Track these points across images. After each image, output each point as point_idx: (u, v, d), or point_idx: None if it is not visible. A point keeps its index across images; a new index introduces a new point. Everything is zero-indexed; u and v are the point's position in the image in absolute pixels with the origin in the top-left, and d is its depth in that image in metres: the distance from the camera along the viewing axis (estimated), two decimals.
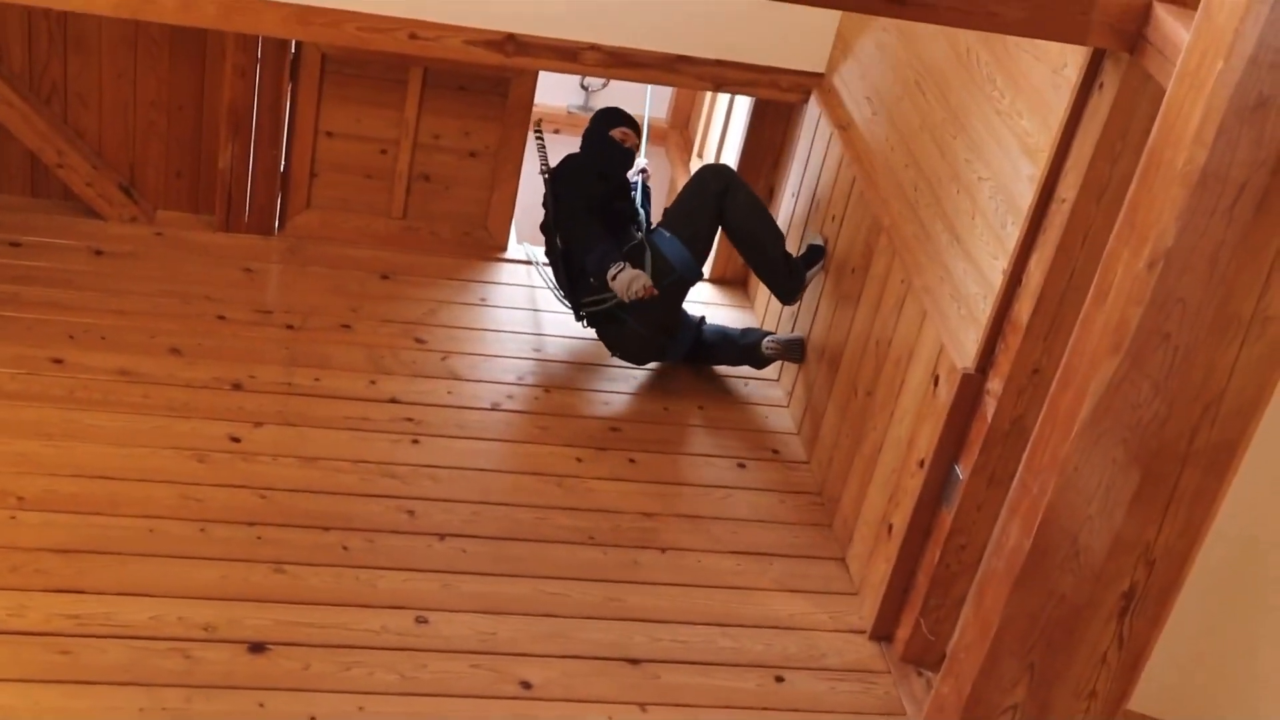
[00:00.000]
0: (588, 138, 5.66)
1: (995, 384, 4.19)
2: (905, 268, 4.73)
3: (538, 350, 5.75)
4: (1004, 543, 3.82)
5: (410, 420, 5.25)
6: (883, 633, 4.76)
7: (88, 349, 5.18)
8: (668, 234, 5.38)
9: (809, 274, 5.42)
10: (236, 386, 5.19)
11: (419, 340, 5.64)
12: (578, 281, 5.39)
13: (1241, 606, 4.38)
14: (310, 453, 5.00)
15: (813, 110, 5.72)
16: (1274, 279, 3.22)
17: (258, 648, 4.24)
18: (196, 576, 4.42)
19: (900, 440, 4.68)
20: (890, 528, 4.69)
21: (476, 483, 5.05)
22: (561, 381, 5.61)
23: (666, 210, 5.59)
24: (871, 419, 4.90)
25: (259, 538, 4.62)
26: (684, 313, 5.60)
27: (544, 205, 5.54)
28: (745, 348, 5.71)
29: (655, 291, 5.15)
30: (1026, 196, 4.03)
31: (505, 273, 6.10)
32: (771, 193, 6.08)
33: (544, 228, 5.61)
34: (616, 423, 5.52)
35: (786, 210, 5.92)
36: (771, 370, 5.92)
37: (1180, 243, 3.23)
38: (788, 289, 5.46)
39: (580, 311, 5.48)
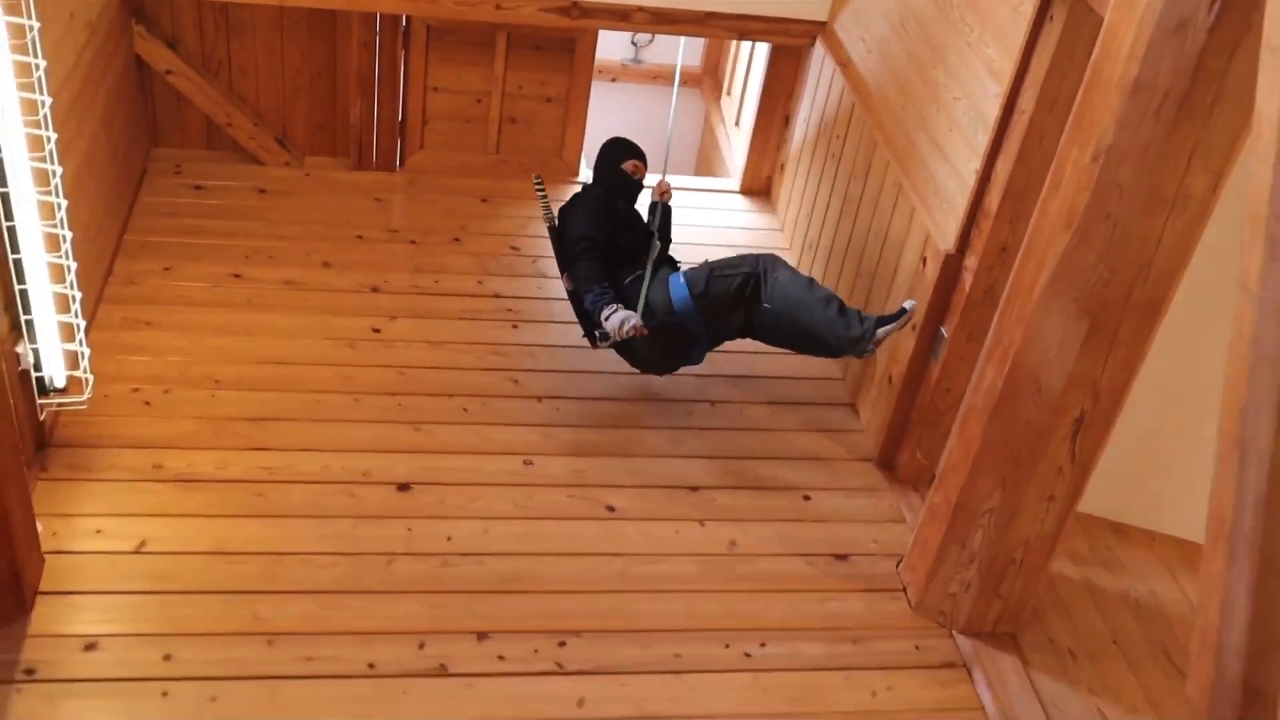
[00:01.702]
0: (599, 170, 4.75)
1: (971, 261, 4.18)
2: (897, 173, 4.68)
3: None
4: (981, 384, 3.84)
5: (510, 310, 5.27)
6: (886, 460, 4.79)
7: (259, 265, 5.22)
8: (683, 279, 4.43)
9: (882, 330, 4.24)
10: (375, 289, 5.22)
11: (514, 248, 5.65)
12: (588, 313, 4.47)
13: (1166, 427, 4.40)
14: (435, 338, 5.03)
15: (818, 52, 5.64)
16: (1193, 166, 3.20)
17: (404, 487, 4.31)
18: (354, 435, 4.49)
19: (895, 309, 4.64)
20: (890, 378, 4.69)
21: (563, 356, 5.07)
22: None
23: (706, 260, 4.57)
24: (875, 294, 4.86)
25: (399, 404, 4.67)
26: (700, 339, 4.52)
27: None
28: (843, 329, 4.33)
29: (645, 331, 4.27)
30: (993, 110, 3.99)
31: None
32: (787, 120, 6.02)
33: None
34: None
35: (799, 132, 5.85)
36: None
37: (1118, 140, 3.22)
38: (850, 341, 4.27)
39: (594, 338, 4.46)
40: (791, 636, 4.02)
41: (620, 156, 4.71)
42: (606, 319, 4.28)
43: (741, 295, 4.40)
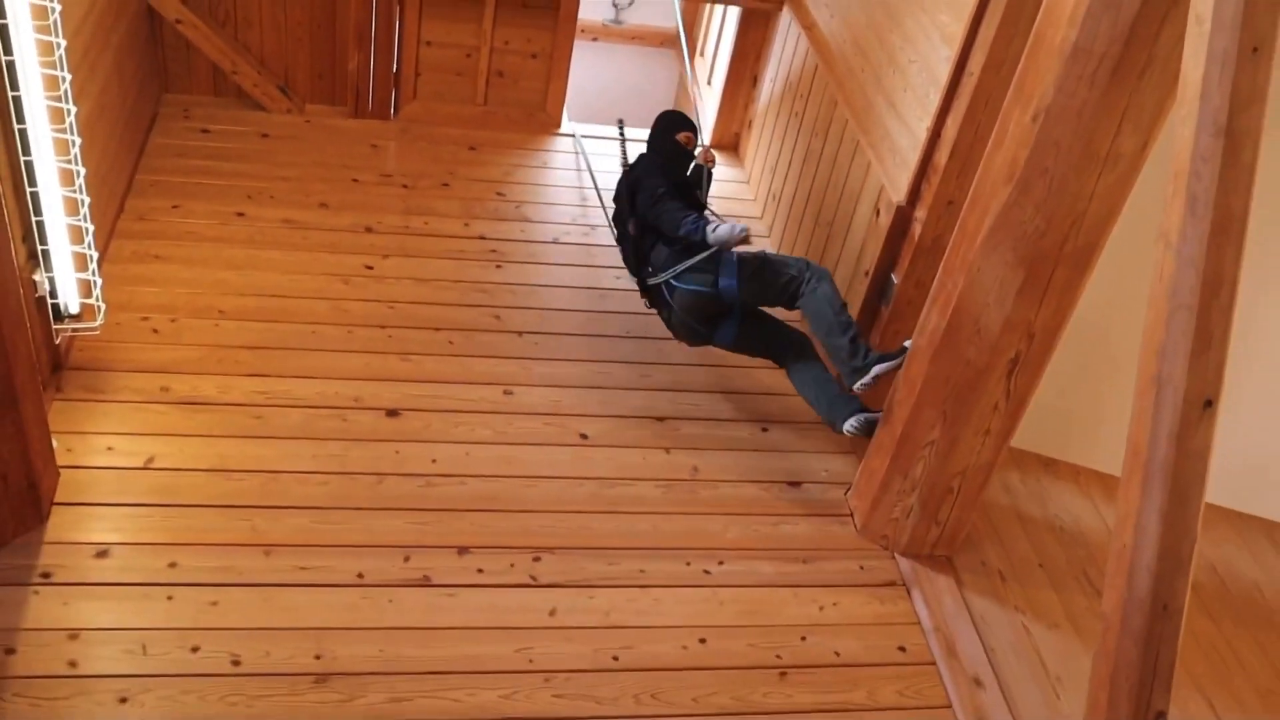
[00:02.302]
0: (654, 139, 4.69)
1: (921, 212, 4.18)
2: (855, 130, 4.66)
3: (583, 200, 5.67)
4: (926, 326, 3.85)
5: (494, 251, 5.22)
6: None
7: (261, 205, 5.16)
8: (735, 257, 4.27)
9: (879, 368, 4.05)
10: (368, 229, 5.17)
11: (499, 194, 5.60)
12: (648, 259, 4.43)
13: (1094, 368, 4.43)
14: (423, 275, 4.98)
15: (785, 16, 5.59)
16: (1124, 126, 3.21)
17: (393, 412, 4.30)
18: (346, 364, 4.47)
19: (851, 257, 4.66)
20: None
21: (544, 295, 5.04)
22: (601, 220, 5.47)
23: (756, 251, 4.40)
24: (832, 242, 4.85)
25: (389, 336, 4.63)
26: (734, 316, 4.35)
27: (615, 200, 4.73)
28: (832, 404, 4.24)
29: (750, 240, 4.16)
30: (944, 72, 3.97)
31: (560, 143, 6.01)
32: (755, 80, 5.98)
33: (616, 218, 4.72)
34: None
35: (766, 91, 5.82)
36: (761, 221, 5.77)
37: (1056, 101, 3.22)
38: (850, 370, 4.10)
39: (648, 288, 4.48)
40: (747, 556, 4.05)
41: (675, 128, 4.68)
42: (714, 230, 4.18)
43: (784, 292, 4.27)
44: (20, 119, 3.49)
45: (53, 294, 3.90)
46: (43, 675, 3.26)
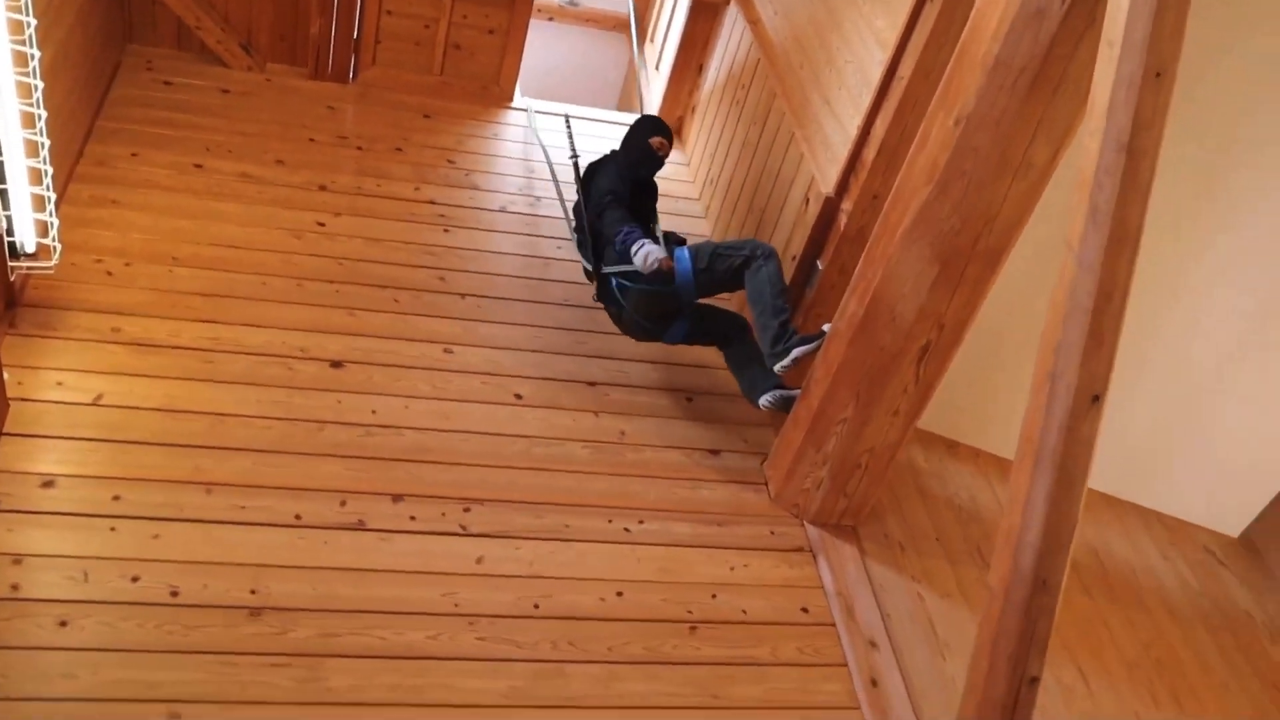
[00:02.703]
0: (627, 142, 4.50)
1: (847, 204, 4.22)
2: (790, 124, 4.70)
3: (530, 171, 5.64)
4: (845, 311, 3.91)
5: (443, 216, 5.18)
6: None
7: (219, 158, 5.07)
8: (687, 254, 4.22)
9: (798, 350, 4.04)
10: (322, 188, 5.10)
11: (450, 161, 5.55)
12: (603, 255, 4.34)
13: (999, 359, 4.51)
14: (373, 235, 4.93)
15: (733, 10, 5.59)
16: (1038, 137, 3.28)
17: (336, 364, 4.28)
18: (294, 315, 4.42)
19: (781, 242, 4.68)
20: None
21: (489, 260, 5.01)
22: (547, 192, 5.48)
23: (707, 241, 4.43)
24: (764, 227, 4.89)
25: (337, 291, 4.59)
26: (685, 312, 4.31)
27: (578, 192, 4.57)
28: (754, 380, 4.29)
29: (671, 265, 4.13)
30: (877, 74, 4.01)
31: (511, 116, 5.96)
32: (700, 68, 5.99)
33: (576, 210, 4.59)
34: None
35: (710, 80, 5.83)
36: (699, 202, 5.78)
37: (977, 109, 3.28)
38: (771, 353, 4.10)
39: (599, 284, 4.38)
40: (665, 516, 4.10)
41: (649, 131, 4.47)
42: (635, 252, 4.09)
43: (736, 276, 4.20)
44: None
45: (9, 232, 3.83)
46: None
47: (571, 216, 4.68)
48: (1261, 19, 3.71)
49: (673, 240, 4.39)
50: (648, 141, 4.44)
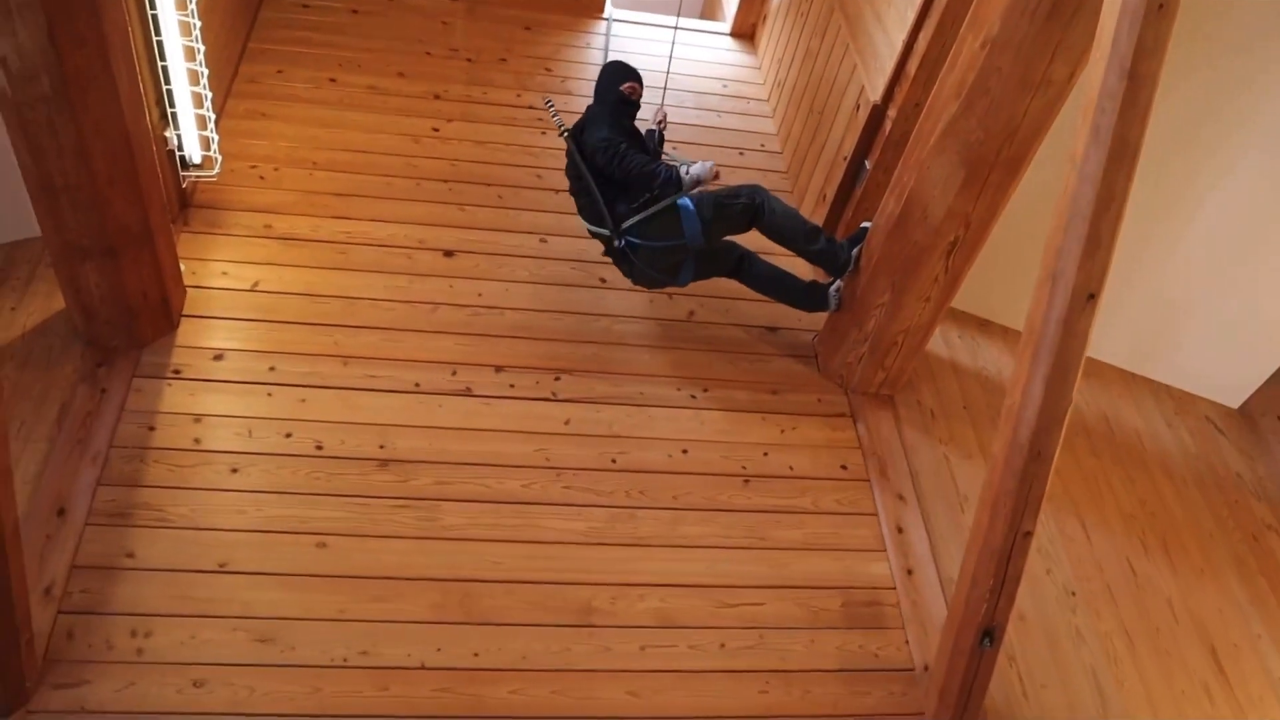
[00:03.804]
0: (601, 90, 4.07)
1: (892, 111, 4.18)
2: (845, 35, 4.61)
3: None
4: (884, 210, 3.94)
5: (540, 119, 5.20)
6: None
7: (350, 72, 5.16)
8: (692, 205, 3.90)
9: (855, 250, 4.04)
10: (436, 97, 5.17)
11: (547, 69, 5.56)
12: (614, 210, 3.92)
13: (1025, 250, 4.47)
14: (480, 138, 5.00)
15: None
16: (1056, 58, 3.22)
17: (449, 253, 4.43)
18: (413, 211, 4.55)
19: (834, 143, 4.65)
20: (825, 195, 4.72)
21: None
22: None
23: (707, 191, 3.98)
24: (821, 129, 4.85)
25: (450, 189, 4.70)
26: (690, 258, 4.04)
27: (568, 155, 4.03)
28: (811, 285, 4.25)
29: (719, 176, 3.85)
30: None
31: (601, 26, 5.90)
32: None
33: (570, 172, 4.06)
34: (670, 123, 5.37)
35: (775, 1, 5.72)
36: (768, 103, 5.67)
37: (1001, 33, 3.24)
38: (835, 265, 4.09)
39: (607, 243, 4.02)
40: (727, 385, 4.21)
41: (620, 79, 4.05)
42: (688, 172, 3.78)
43: (744, 221, 4.03)
44: (153, 5, 3.57)
45: (180, 147, 4.04)
46: (175, 448, 3.56)
47: (570, 178, 4.12)
48: None
49: (673, 188, 3.96)
50: (619, 89, 4.02)
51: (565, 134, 4.00)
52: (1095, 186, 2.75)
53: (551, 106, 4.15)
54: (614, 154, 3.82)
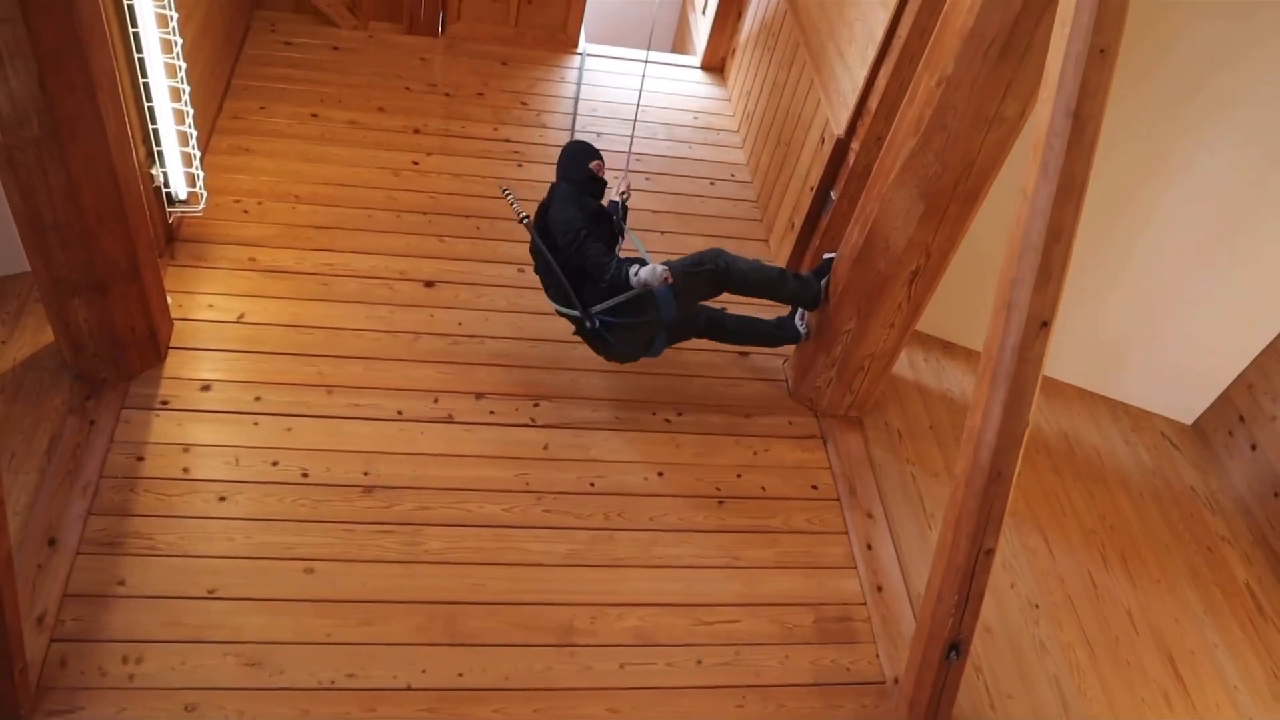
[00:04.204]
0: (567, 169, 3.99)
1: (855, 144, 4.29)
2: (810, 70, 4.74)
3: (592, 110, 5.69)
4: (849, 240, 4.05)
5: (517, 152, 5.31)
6: None
7: (331, 107, 5.25)
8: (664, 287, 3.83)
9: (824, 281, 4.14)
10: (416, 131, 5.26)
11: (523, 103, 5.65)
12: (583, 293, 3.86)
13: (985, 272, 4.60)
14: (458, 171, 5.09)
15: None
16: (1008, 96, 3.35)
17: (429, 284, 4.51)
18: (394, 243, 4.63)
19: (801, 174, 4.78)
20: (793, 224, 4.84)
21: None
22: (607, 129, 5.56)
23: (669, 263, 3.88)
24: (788, 160, 4.97)
25: (429, 221, 4.78)
26: (662, 329, 3.99)
27: (531, 251, 4.01)
28: (778, 325, 4.34)
29: (671, 279, 3.73)
30: (880, 32, 4.03)
31: (574, 61, 6.02)
32: (740, 14, 5.98)
33: (534, 251, 4.00)
34: (638, 154, 5.43)
35: (748, 26, 5.82)
36: (738, 134, 5.80)
37: (956, 72, 3.37)
38: (807, 300, 4.18)
39: (585, 322, 3.89)
40: (700, 409, 4.31)
41: (588, 157, 3.99)
42: (636, 274, 3.72)
43: (713, 287, 4.02)
44: (139, 49, 3.66)
45: (166, 184, 4.11)
46: (164, 477, 3.62)
47: (532, 256, 4.05)
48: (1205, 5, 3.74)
49: (636, 263, 3.91)
50: (588, 168, 3.98)
51: (526, 221, 3.93)
52: (1046, 220, 2.87)
53: (509, 195, 4.03)
54: (574, 239, 3.77)
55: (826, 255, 4.21)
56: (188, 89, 3.93)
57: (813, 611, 3.76)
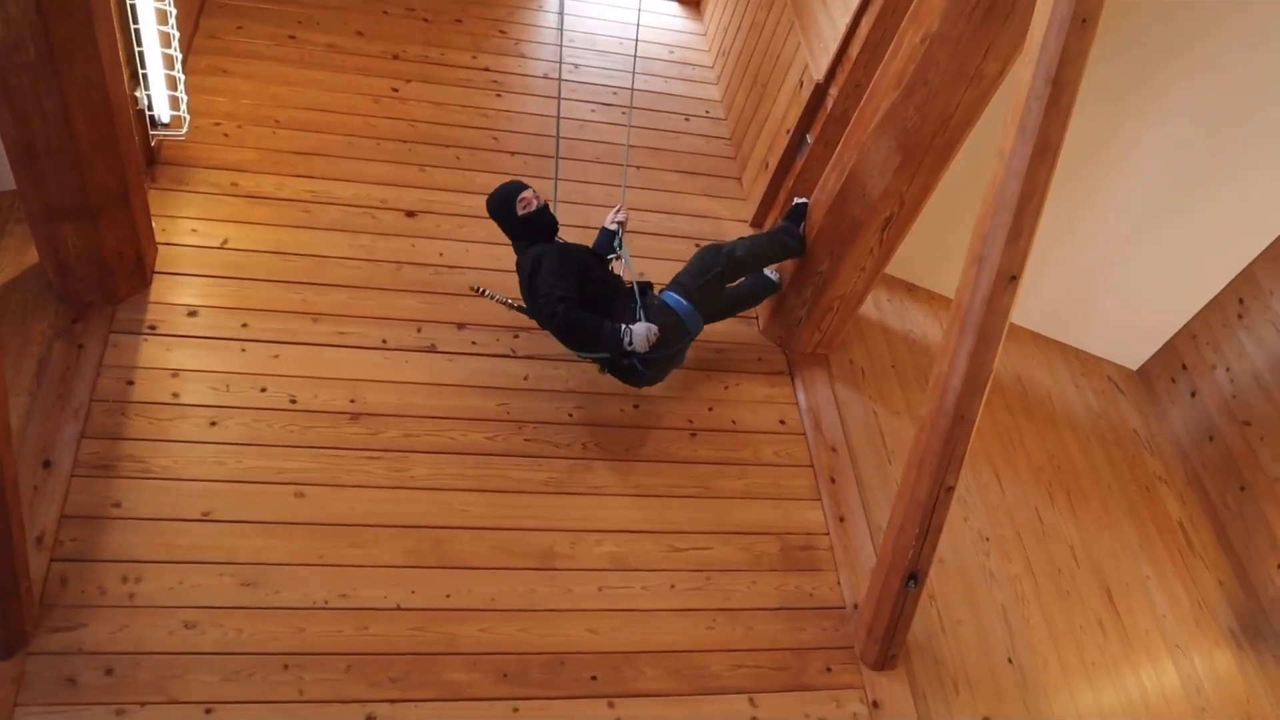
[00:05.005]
0: (509, 229, 3.89)
1: (834, 90, 4.37)
2: (791, 13, 4.79)
3: (570, 41, 5.70)
4: (825, 186, 4.17)
5: (496, 81, 5.31)
6: (758, 221, 5.04)
7: (309, 29, 5.19)
8: (680, 298, 3.87)
9: (800, 228, 4.24)
10: (395, 57, 5.23)
11: (502, 31, 5.63)
12: (587, 345, 3.75)
13: (950, 218, 4.77)
14: (437, 99, 5.09)
15: None
16: (989, 55, 3.45)
17: (410, 214, 4.55)
18: (375, 170, 4.66)
19: (777, 116, 4.86)
20: (767, 164, 4.93)
21: (533, 122, 5.15)
22: (584, 60, 5.61)
23: (675, 279, 3.97)
24: (765, 101, 5.04)
25: (409, 149, 4.80)
26: (688, 340, 3.94)
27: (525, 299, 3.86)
28: (754, 282, 4.40)
29: (657, 335, 3.71)
30: None
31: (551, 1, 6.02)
32: None
33: (533, 314, 3.90)
34: (614, 87, 5.50)
35: None
36: (712, 70, 5.83)
37: (940, 30, 3.47)
38: (795, 252, 4.25)
39: (625, 360, 3.78)
40: None
41: (509, 201, 3.84)
42: (629, 343, 3.66)
43: (722, 285, 4.07)
44: None
45: (150, 107, 4.11)
46: (154, 402, 3.70)
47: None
48: None
49: (649, 288, 3.96)
50: (517, 213, 3.84)
51: (518, 306, 3.92)
52: (1020, 180, 3.02)
53: (487, 292, 4.01)
54: (552, 313, 3.62)
55: (798, 200, 4.33)
56: (174, 11, 3.90)
57: (779, 540, 3.98)
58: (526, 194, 3.87)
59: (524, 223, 3.86)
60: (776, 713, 3.53)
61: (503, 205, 3.88)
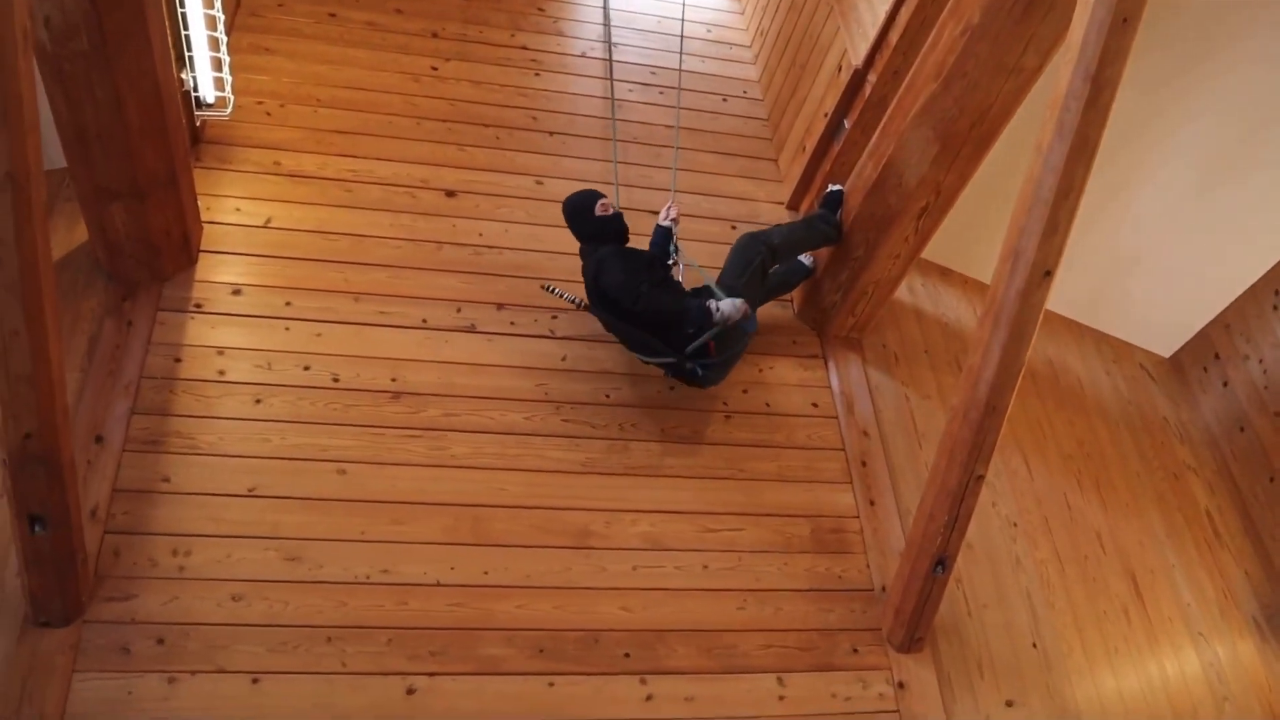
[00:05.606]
0: (582, 231, 4.05)
1: (873, 76, 4.39)
2: (832, 2, 4.86)
3: (610, 20, 5.70)
4: (862, 173, 4.20)
5: (534, 60, 5.34)
6: (794, 204, 5.07)
7: (349, 7, 5.22)
8: (723, 294, 3.93)
9: (838, 215, 4.30)
10: (434, 35, 5.26)
11: (540, 9, 5.64)
12: (671, 337, 3.88)
13: (977, 210, 4.78)
14: (476, 78, 5.12)
15: None
16: (1028, 49, 3.47)
17: (451, 193, 4.61)
18: (415, 150, 4.70)
19: (815, 98, 4.88)
20: (804, 147, 4.95)
21: (572, 101, 5.19)
22: (623, 39, 5.61)
23: (720, 280, 4.07)
24: (803, 83, 5.05)
25: (449, 129, 4.84)
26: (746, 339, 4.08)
27: (599, 318, 4.08)
28: (789, 270, 4.48)
29: (749, 311, 3.88)
30: None
31: None
32: None
33: (596, 312, 4.08)
34: (654, 67, 5.52)
35: None
36: (750, 49, 5.83)
37: (980, 23, 3.48)
38: (834, 239, 4.31)
39: (684, 364, 3.91)
40: None
41: (588, 210, 4.02)
42: (718, 310, 3.79)
43: (764, 276, 4.16)
44: None
45: (195, 88, 4.18)
46: (201, 379, 3.80)
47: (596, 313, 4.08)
48: None
49: (704, 291, 4.02)
50: (597, 217, 4.01)
51: (582, 305, 4.13)
52: (1057, 176, 3.05)
53: (554, 289, 4.19)
54: (637, 298, 3.82)
55: (833, 187, 4.36)
56: None
57: (810, 523, 4.05)
58: (606, 200, 4.05)
59: (598, 227, 4.01)
60: (803, 692, 3.63)
61: (580, 209, 4.05)
